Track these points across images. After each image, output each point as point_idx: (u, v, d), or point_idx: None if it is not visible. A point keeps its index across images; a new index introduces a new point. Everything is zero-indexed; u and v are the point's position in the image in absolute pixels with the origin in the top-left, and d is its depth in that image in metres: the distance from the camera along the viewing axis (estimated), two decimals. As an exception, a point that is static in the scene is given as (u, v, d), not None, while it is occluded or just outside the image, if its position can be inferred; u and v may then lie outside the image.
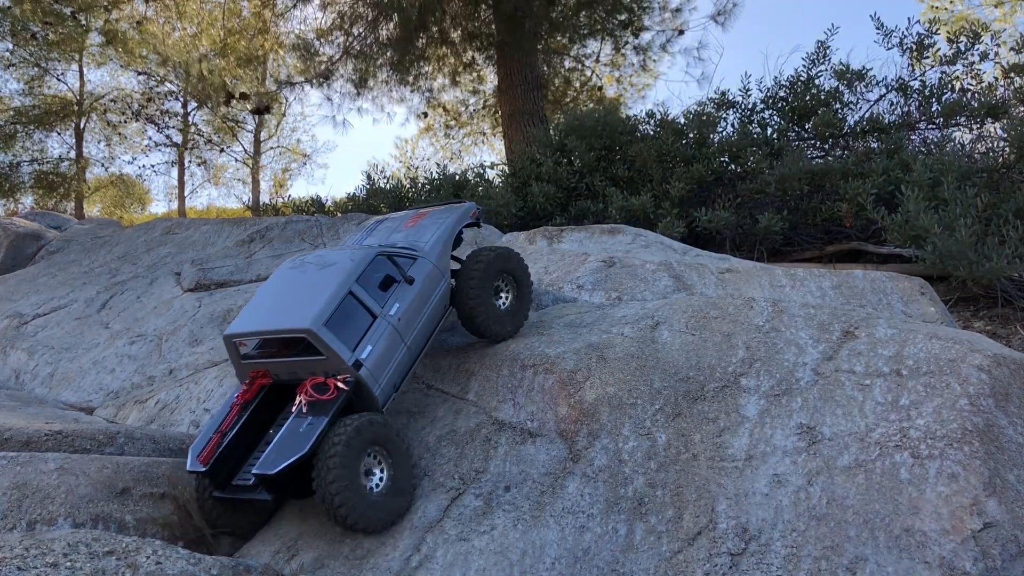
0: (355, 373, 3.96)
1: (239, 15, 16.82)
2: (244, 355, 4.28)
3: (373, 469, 3.88)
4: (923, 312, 5.51)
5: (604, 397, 4.18)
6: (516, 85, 14.76)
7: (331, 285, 4.09)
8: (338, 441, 3.70)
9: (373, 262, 4.28)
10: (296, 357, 4.08)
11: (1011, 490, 3.32)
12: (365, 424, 3.82)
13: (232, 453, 4.07)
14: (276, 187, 30.72)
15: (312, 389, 3.94)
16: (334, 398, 3.90)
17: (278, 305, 4.20)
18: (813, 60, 11.03)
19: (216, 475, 4.01)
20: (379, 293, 4.22)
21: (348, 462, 3.68)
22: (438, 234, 4.78)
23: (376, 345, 4.08)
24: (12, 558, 2.95)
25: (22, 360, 8.09)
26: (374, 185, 13.15)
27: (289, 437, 3.81)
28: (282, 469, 3.67)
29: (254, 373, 4.24)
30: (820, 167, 9.69)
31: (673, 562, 3.49)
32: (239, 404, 4.18)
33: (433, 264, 4.57)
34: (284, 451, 3.74)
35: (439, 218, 4.99)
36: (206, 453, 3.97)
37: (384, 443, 3.92)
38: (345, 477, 3.66)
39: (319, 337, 3.87)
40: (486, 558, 3.71)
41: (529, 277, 4.95)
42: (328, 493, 3.64)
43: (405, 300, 4.30)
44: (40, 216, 15.24)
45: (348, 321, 4.03)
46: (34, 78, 23.97)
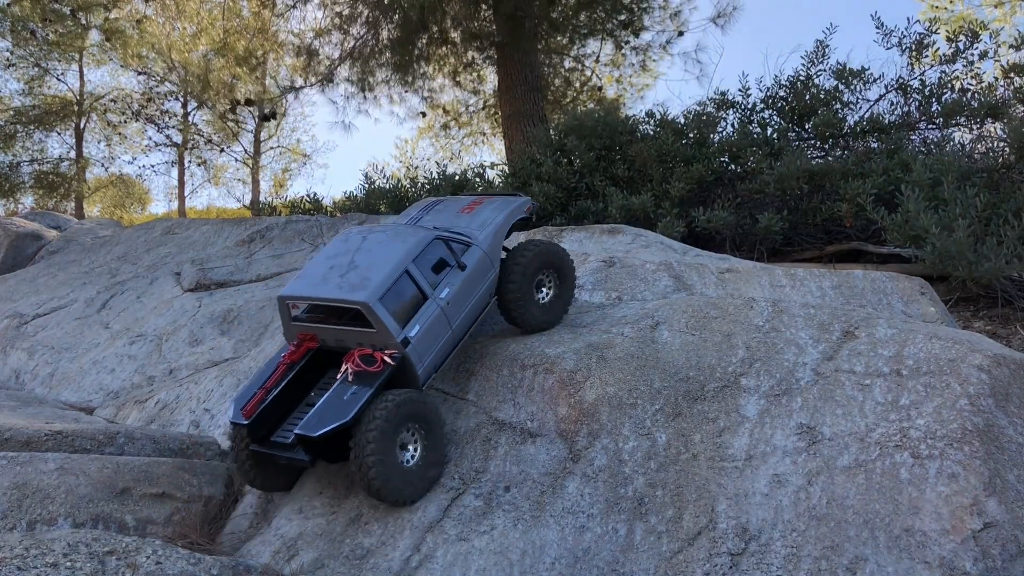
0: (402, 350, 4.08)
1: (239, 15, 16.82)
2: (295, 317, 4.40)
3: (408, 444, 4.00)
4: (923, 312, 5.51)
5: (604, 397, 4.18)
6: (516, 85, 14.75)
7: (390, 262, 4.20)
8: (379, 415, 3.82)
9: (431, 244, 4.39)
10: (347, 326, 4.20)
11: (1011, 490, 3.32)
12: (406, 399, 3.95)
13: (274, 410, 4.19)
14: (276, 187, 30.71)
15: (360, 359, 4.06)
16: (380, 371, 4.01)
17: (336, 274, 4.29)
18: (812, 59, 11.02)
19: (257, 430, 4.12)
20: (432, 275, 4.34)
21: (386, 435, 3.81)
22: (493, 225, 4.85)
23: (424, 325, 4.19)
24: (12, 558, 2.95)
25: (22, 360, 8.09)
26: (373, 185, 13.15)
27: (333, 403, 3.92)
28: (324, 433, 3.78)
29: (302, 335, 4.35)
30: (820, 167, 9.68)
31: (673, 562, 3.49)
32: (286, 363, 4.28)
33: (485, 253, 4.65)
34: (327, 416, 3.85)
35: (496, 209, 5.06)
36: (250, 407, 4.09)
37: (422, 419, 4.04)
38: (381, 450, 3.78)
39: (374, 311, 3.99)
40: (486, 558, 3.71)
41: (573, 273, 5.04)
42: (364, 464, 3.77)
43: (455, 285, 4.41)
44: (40, 216, 15.24)
45: (401, 299, 4.15)
46: (34, 78, 23.96)
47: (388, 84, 15.87)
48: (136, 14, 19.01)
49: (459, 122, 19.59)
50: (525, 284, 4.70)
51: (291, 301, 4.36)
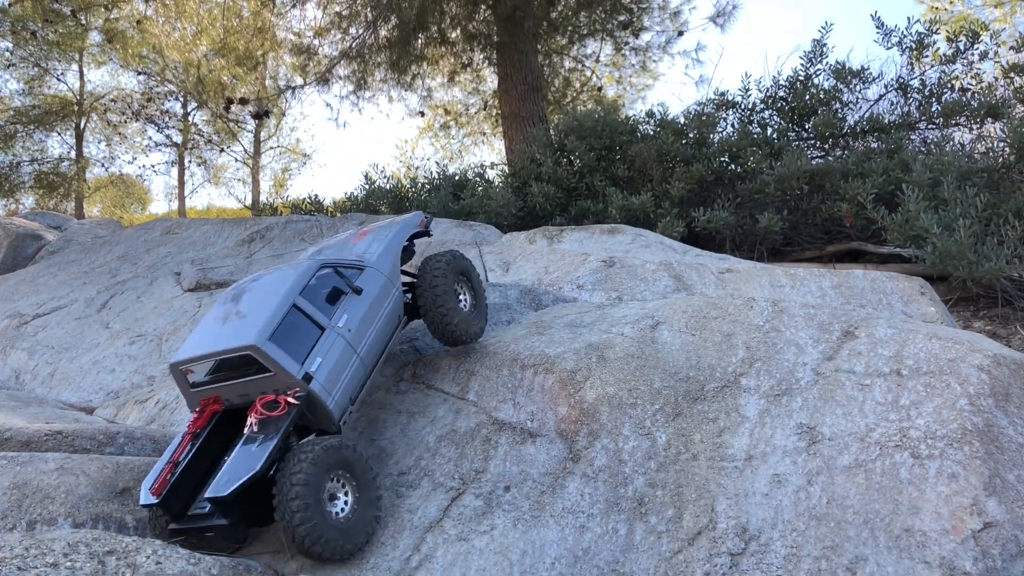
0: (305, 387, 3.82)
1: (239, 15, 16.82)
2: (193, 383, 4.12)
3: (337, 494, 3.74)
4: (923, 312, 5.52)
5: (604, 397, 4.18)
6: (516, 85, 14.76)
7: (274, 299, 3.98)
8: (303, 458, 3.56)
9: (317, 274, 4.19)
10: (245, 378, 3.92)
11: (1011, 490, 3.32)
12: (331, 446, 3.70)
13: (186, 483, 3.92)
14: (276, 187, 30.71)
15: (262, 407, 3.80)
16: (285, 413, 3.76)
17: (222, 327, 4.07)
18: (811, 59, 11.03)
19: (170, 507, 3.85)
20: (327, 305, 4.12)
21: (312, 481, 3.54)
22: (385, 244, 4.74)
23: (327, 357, 3.96)
24: (12, 558, 2.95)
25: (22, 360, 8.09)
26: (373, 185, 13.16)
27: (241, 458, 3.68)
28: (235, 490, 3.52)
29: (205, 400, 4.10)
30: (820, 167, 9.69)
31: (673, 562, 3.49)
32: (190, 433, 4.03)
33: (381, 272, 4.51)
34: (236, 472, 3.61)
35: (385, 228, 4.97)
36: (158, 485, 3.82)
37: (349, 467, 3.76)
38: (308, 497, 3.50)
39: (264, 352, 3.73)
40: (486, 558, 3.71)
41: (479, 278, 4.96)
42: (289, 512, 3.49)
43: (355, 311, 4.21)
44: (40, 216, 15.24)
45: (295, 334, 3.90)
46: (34, 78, 23.95)
47: (386, 83, 15.88)
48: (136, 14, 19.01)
49: (459, 122, 19.60)
50: (449, 294, 4.57)
51: (184, 366, 4.05)
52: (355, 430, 4.64)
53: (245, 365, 3.89)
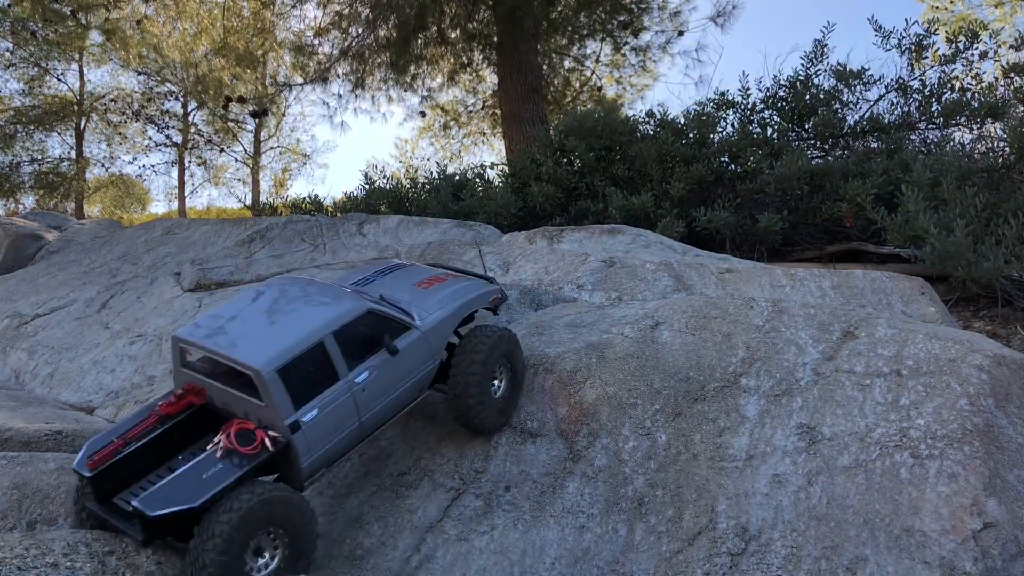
0: (288, 435, 3.49)
1: (239, 15, 16.82)
2: (187, 363, 3.85)
3: (264, 550, 3.37)
4: (923, 312, 5.52)
5: (604, 397, 4.18)
6: (515, 85, 14.76)
7: (303, 329, 3.63)
8: (236, 508, 3.22)
9: (360, 317, 3.78)
10: (235, 390, 3.62)
11: (1011, 490, 3.32)
12: (275, 499, 3.32)
13: (130, 465, 3.59)
14: (276, 187, 30.72)
15: (235, 436, 3.47)
16: (254, 454, 3.43)
17: (243, 329, 3.74)
18: (811, 59, 11.03)
19: (100, 484, 3.51)
20: (356, 351, 3.74)
21: (237, 536, 3.19)
22: (447, 309, 4.22)
23: (324, 411, 3.60)
24: (12, 558, 2.95)
25: (22, 360, 8.09)
26: (373, 185, 13.15)
27: (188, 479, 3.32)
28: (163, 515, 3.19)
29: (189, 386, 3.81)
30: (820, 167, 9.69)
31: (673, 562, 3.49)
32: (159, 415, 3.72)
33: (426, 340, 4.04)
34: (175, 494, 3.25)
35: (457, 292, 4.41)
36: (98, 458, 3.49)
37: (288, 524, 3.39)
38: (228, 552, 3.17)
39: (265, 383, 3.43)
40: (486, 558, 3.71)
41: (523, 359, 4.46)
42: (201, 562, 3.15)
43: (380, 371, 3.80)
44: (40, 216, 15.24)
45: (306, 373, 3.56)
46: (34, 78, 23.97)
47: (386, 83, 15.88)
48: (136, 14, 19.01)
49: (458, 122, 19.60)
50: (485, 378, 4.10)
51: (184, 345, 3.76)
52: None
53: (242, 379, 3.59)
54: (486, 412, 4.13)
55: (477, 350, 4.07)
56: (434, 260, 6.97)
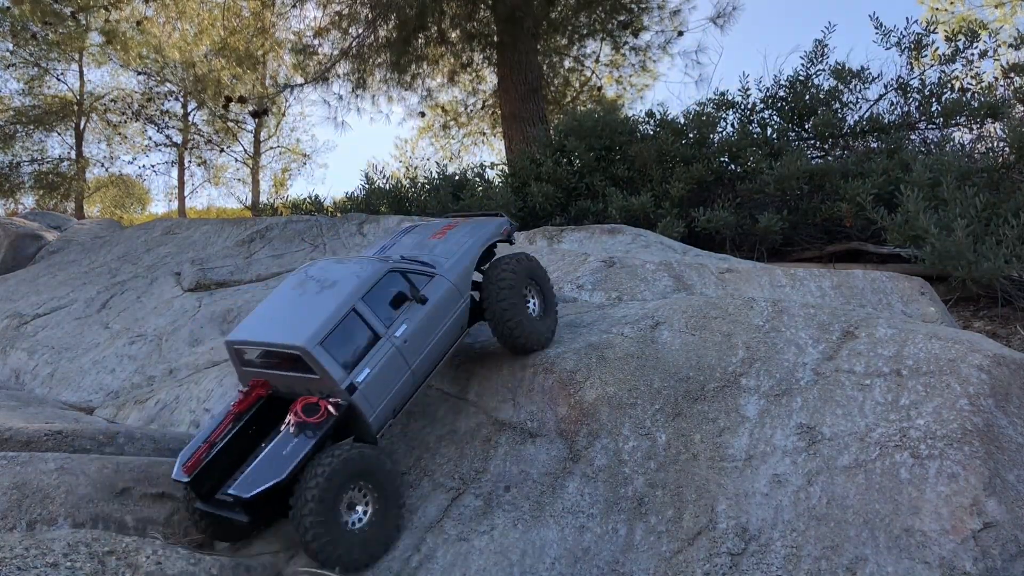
0: (348, 397, 3.77)
1: (239, 15, 16.82)
2: (246, 362, 4.16)
3: (356, 504, 3.70)
4: (923, 312, 5.52)
5: (604, 397, 4.18)
6: (515, 85, 14.76)
7: (334, 301, 3.90)
8: (320, 472, 3.53)
9: (384, 278, 4.06)
10: (293, 372, 3.92)
11: (1011, 490, 3.32)
12: (354, 456, 3.65)
13: (221, 464, 3.92)
14: (276, 187, 30.73)
15: (301, 410, 3.77)
16: (322, 421, 3.72)
17: (282, 316, 4.02)
18: (811, 59, 11.03)
19: (200, 486, 3.86)
20: (388, 311, 4.00)
21: (327, 495, 3.52)
22: (463, 250, 4.52)
23: (375, 368, 3.86)
24: (12, 558, 2.95)
25: (22, 360, 8.09)
26: (373, 185, 13.14)
27: (270, 459, 3.65)
28: (257, 494, 3.51)
29: (254, 382, 4.11)
30: (820, 167, 9.69)
31: (673, 562, 3.49)
32: (234, 413, 4.03)
33: (451, 283, 4.32)
34: (262, 474, 3.59)
35: (468, 232, 4.73)
36: (191, 463, 3.82)
37: (372, 477, 3.73)
38: (322, 512, 3.49)
39: (312, 356, 3.70)
40: (486, 558, 3.71)
41: (550, 283, 4.75)
42: (303, 526, 3.49)
43: (415, 321, 4.07)
44: (40, 216, 15.24)
45: (348, 340, 3.83)
46: (34, 78, 23.98)
47: (386, 83, 15.88)
48: (136, 15, 19.01)
49: (458, 122, 19.60)
50: (517, 302, 4.39)
51: (238, 347, 4.06)
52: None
53: (294, 360, 3.87)
54: (529, 329, 4.41)
55: (503, 276, 4.38)
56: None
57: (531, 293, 4.56)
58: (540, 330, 4.51)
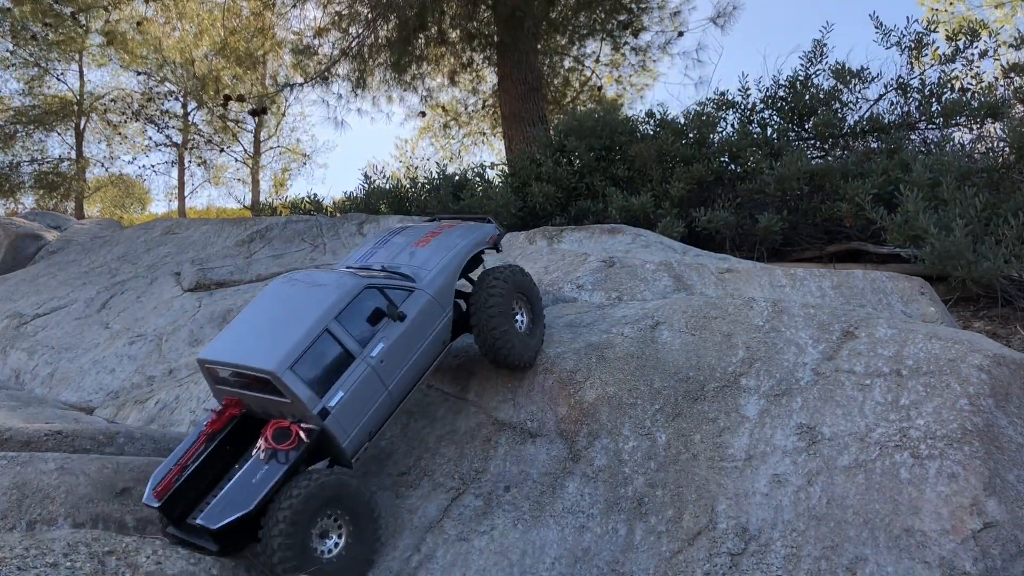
0: (320, 422, 3.65)
1: (239, 15, 16.82)
2: (219, 379, 4.01)
3: (330, 532, 3.58)
4: (923, 312, 5.52)
5: (604, 397, 4.18)
6: (515, 85, 14.75)
7: (307, 321, 3.75)
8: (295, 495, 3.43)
9: (359, 295, 3.92)
10: (264, 394, 3.78)
11: (1011, 490, 3.32)
12: (331, 482, 3.54)
13: (195, 485, 3.80)
14: (276, 187, 30.72)
15: (272, 436, 3.66)
16: (291, 449, 3.61)
17: (254, 335, 3.89)
18: (811, 59, 11.03)
19: (172, 510, 3.72)
20: (364, 329, 3.87)
21: (300, 519, 3.41)
22: (445, 261, 4.37)
23: (349, 391, 3.73)
24: (12, 558, 2.95)
25: (22, 360, 8.09)
26: (373, 185, 13.14)
27: (240, 487, 3.54)
28: (224, 525, 3.40)
29: (227, 400, 3.98)
30: (820, 167, 9.69)
31: (673, 562, 3.49)
32: (206, 434, 3.90)
33: (431, 297, 4.17)
34: (230, 504, 3.47)
35: (453, 240, 4.56)
36: (161, 488, 3.69)
37: (347, 504, 3.61)
38: (293, 536, 3.38)
39: (282, 382, 3.57)
40: (486, 558, 3.71)
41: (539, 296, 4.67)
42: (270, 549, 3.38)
43: (392, 339, 3.94)
44: (40, 216, 15.24)
45: (320, 362, 3.70)
46: (34, 78, 23.97)
47: (386, 83, 15.87)
48: (136, 15, 19.00)
49: (458, 122, 19.60)
50: (505, 316, 4.24)
51: (209, 366, 3.92)
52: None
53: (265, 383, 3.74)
54: (514, 345, 4.27)
55: (492, 287, 4.26)
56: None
57: (520, 308, 4.44)
58: (526, 346, 4.35)
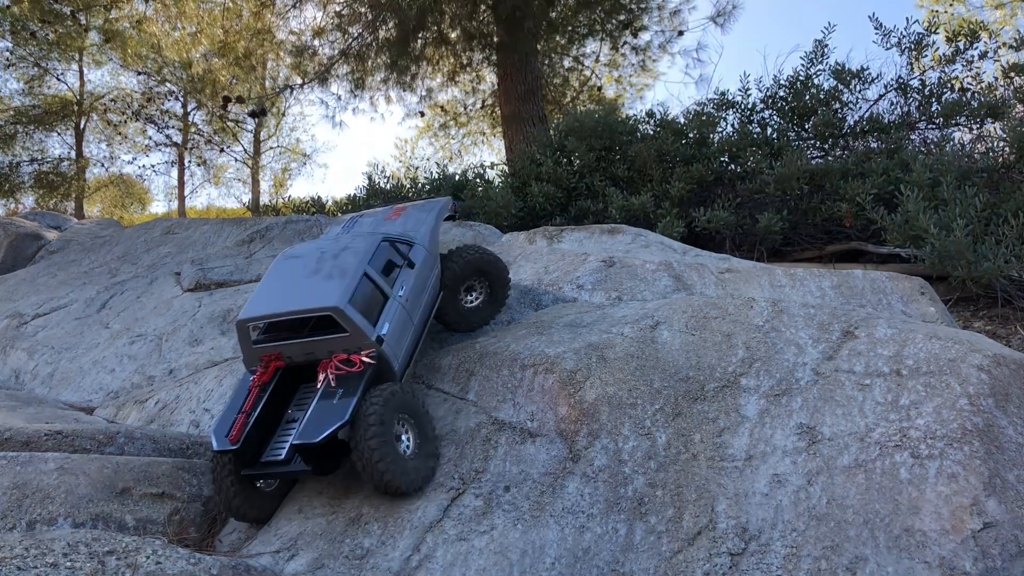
0: (378, 348, 4.13)
1: (239, 15, 16.82)
2: (256, 340, 4.35)
3: (401, 435, 4.03)
4: (923, 312, 5.52)
5: (604, 397, 4.18)
6: (515, 85, 14.76)
7: (350, 267, 4.28)
8: (376, 401, 3.87)
9: (379, 247, 4.52)
10: (317, 336, 4.19)
11: (1011, 490, 3.32)
12: (396, 391, 4.02)
13: (256, 433, 4.15)
14: (276, 187, 30.73)
15: (339, 364, 4.09)
16: (363, 371, 4.07)
17: (293, 289, 4.30)
18: (811, 59, 11.04)
19: (244, 454, 4.08)
20: (388, 274, 4.46)
21: (386, 420, 3.86)
22: (427, 223, 5.03)
23: (392, 323, 4.28)
24: (12, 558, 2.95)
25: (22, 360, 8.09)
26: (374, 185, 13.15)
27: (325, 409, 3.92)
28: (326, 437, 3.78)
29: (267, 357, 4.32)
30: (820, 167, 9.70)
31: (673, 562, 3.49)
32: (257, 386, 4.25)
33: (427, 250, 4.82)
34: (324, 421, 3.85)
35: (422, 210, 5.25)
36: (235, 432, 4.02)
37: (410, 410, 4.10)
38: (384, 434, 3.83)
39: (346, 315, 4.02)
40: (486, 558, 3.71)
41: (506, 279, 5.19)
42: (367, 450, 3.78)
43: (408, 283, 4.55)
44: (40, 216, 15.24)
45: (366, 300, 4.22)
46: (34, 78, 23.97)
47: (386, 83, 15.88)
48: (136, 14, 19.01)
49: (458, 122, 19.61)
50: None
51: (252, 323, 4.26)
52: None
53: (319, 325, 4.19)
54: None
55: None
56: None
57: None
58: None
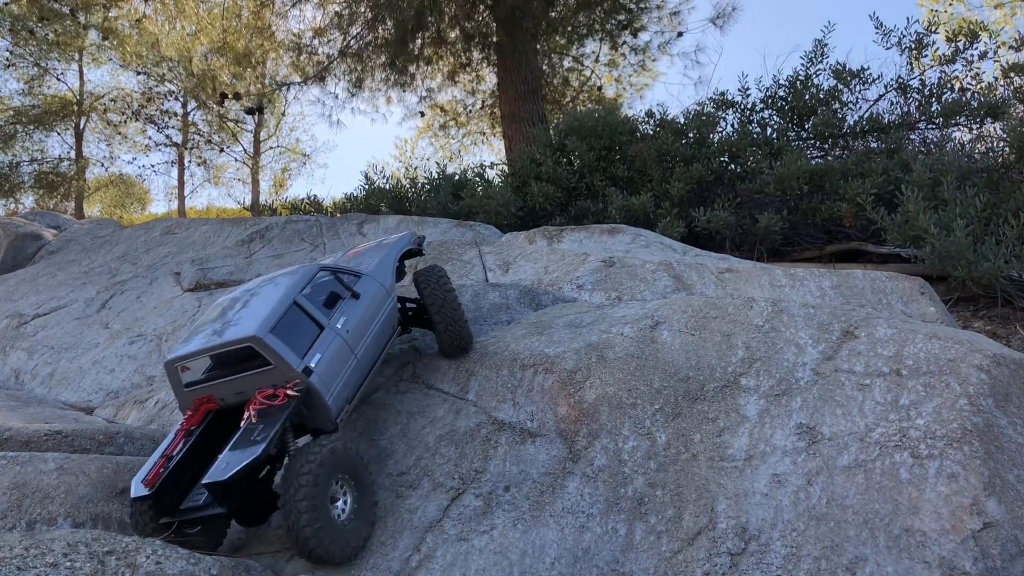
0: (305, 380, 3.85)
1: (238, 15, 16.83)
2: (188, 383, 4.09)
3: (338, 497, 3.75)
4: (923, 312, 5.52)
5: (604, 397, 4.18)
6: (515, 85, 14.76)
7: (275, 296, 4.06)
8: (312, 459, 3.56)
9: (316, 276, 4.32)
10: (242, 373, 3.92)
11: (1011, 490, 3.32)
12: (338, 447, 3.73)
13: (179, 479, 3.90)
14: (276, 187, 30.71)
15: (262, 399, 3.82)
16: (284, 404, 3.78)
17: (220, 325, 4.08)
18: (811, 59, 11.03)
19: (162, 501, 3.81)
20: (327, 305, 4.22)
21: (320, 481, 3.54)
22: (380, 256, 4.90)
23: (325, 354, 4.00)
24: (12, 558, 2.95)
25: (22, 360, 8.09)
26: (373, 185, 13.15)
27: (240, 445, 3.65)
28: (235, 473, 3.49)
29: (199, 400, 4.08)
30: (820, 167, 9.70)
31: (673, 562, 3.49)
32: (184, 430, 4.04)
33: (377, 282, 4.62)
34: (236, 458, 3.58)
35: (378, 246, 5.17)
36: (151, 477, 3.79)
37: (351, 470, 3.79)
38: (315, 497, 3.49)
39: (266, 344, 3.76)
40: (486, 558, 3.71)
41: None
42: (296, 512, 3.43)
43: (352, 314, 4.31)
44: (40, 216, 15.24)
45: (295, 330, 3.96)
46: (34, 78, 23.97)
47: (385, 83, 15.87)
48: (135, 13, 19.01)
49: (458, 122, 19.60)
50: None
51: (180, 363, 4.02)
52: (354, 430, 4.64)
53: (244, 360, 3.90)
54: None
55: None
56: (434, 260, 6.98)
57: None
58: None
